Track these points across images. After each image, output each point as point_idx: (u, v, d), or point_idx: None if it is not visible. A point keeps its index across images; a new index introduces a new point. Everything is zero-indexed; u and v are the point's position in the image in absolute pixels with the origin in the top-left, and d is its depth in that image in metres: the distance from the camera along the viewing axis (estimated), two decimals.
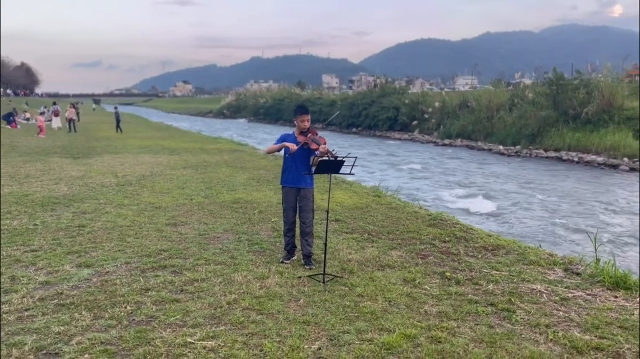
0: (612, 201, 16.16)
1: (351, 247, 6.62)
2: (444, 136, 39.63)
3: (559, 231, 12.38)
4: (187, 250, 6.39)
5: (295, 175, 5.85)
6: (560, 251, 8.13)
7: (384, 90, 49.84)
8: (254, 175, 12.74)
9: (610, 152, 27.37)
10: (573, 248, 10.25)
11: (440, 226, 7.83)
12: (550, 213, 14.36)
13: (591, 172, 24.60)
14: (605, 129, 29.35)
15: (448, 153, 32.42)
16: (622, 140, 27.49)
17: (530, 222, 13.24)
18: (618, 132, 28.49)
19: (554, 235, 11.88)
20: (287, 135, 5.96)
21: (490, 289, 5.19)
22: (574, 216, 14.07)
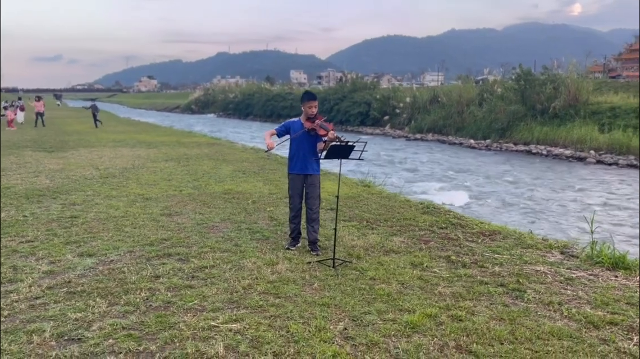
0: (586, 193, 16.69)
1: (353, 234, 6.66)
2: (415, 130, 40.11)
3: (537, 219, 12.73)
4: (189, 239, 6.33)
5: (303, 162, 5.85)
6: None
7: (355, 85, 50.10)
8: (238, 167, 12.66)
9: (577, 145, 28.22)
10: (556, 234, 10.55)
11: (435, 214, 7.96)
12: (526, 203, 14.74)
13: (560, 164, 25.32)
14: (572, 123, 30.23)
15: (420, 147, 32.84)
16: (588, 134, 28.36)
17: (507, 213, 13.56)
18: (584, 126, 29.37)
19: (533, 224, 12.20)
20: (293, 122, 5.96)
21: (497, 271, 5.32)
22: (549, 205, 14.48)
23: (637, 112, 28.87)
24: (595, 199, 15.51)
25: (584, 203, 14.99)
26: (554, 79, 33.26)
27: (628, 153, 25.68)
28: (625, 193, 16.78)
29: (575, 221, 12.42)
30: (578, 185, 18.29)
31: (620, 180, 19.83)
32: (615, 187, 17.94)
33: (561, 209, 14.02)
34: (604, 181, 19.47)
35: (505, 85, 36.79)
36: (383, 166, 23.10)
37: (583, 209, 14.01)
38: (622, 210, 14.02)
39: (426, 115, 40.43)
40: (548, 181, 19.09)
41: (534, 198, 15.51)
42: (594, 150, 26.99)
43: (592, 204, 14.70)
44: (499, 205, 14.47)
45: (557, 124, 30.98)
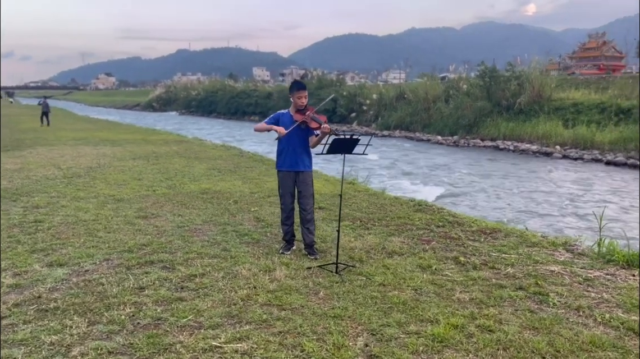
0: (562, 188, 16.76)
1: (349, 235, 6.22)
2: (382, 127, 40.00)
3: (516, 214, 12.60)
4: (171, 244, 5.75)
5: (293, 157, 5.37)
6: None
7: (320, 82, 49.72)
8: (212, 165, 12.03)
9: (543, 141, 28.60)
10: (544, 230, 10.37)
11: (428, 212, 7.60)
12: (500, 199, 14.63)
13: (527, 159, 25.57)
14: (537, 119, 30.64)
15: (388, 143, 32.72)
16: (553, 129, 28.78)
17: (485, 208, 13.40)
18: (549, 122, 29.81)
19: (513, 219, 12.05)
20: (282, 114, 5.46)
21: (511, 272, 4.97)
22: (523, 200, 14.42)
23: (599, 108, 29.51)
24: (571, 193, 15.56)
25: (562, 197, 15.00)
26: (518, 76, 33.72)
27: (592, 148, 26.13)
28: (601, 188, 16.93)
29: (558, 217, 12.33)
30: (549, 180, 18.38)
31: (594, 174, 20.08)
32: (589, 182, 18.11)
33: (540, 204, 13.96)
34: (574, 176, 19.67)
35: (471, 82, 37.08)
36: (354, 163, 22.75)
37: (563, 204, 13.99)
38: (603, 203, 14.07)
39: (393, 112, 40.40)
40: (520, 176, 19.13)
41: (509, 193, 15.43)
42: (559, 145, 27.38)
43: (571, 199, 14.72)
44: (476, 201, 14.31)
45: (523, 120, 31.35)
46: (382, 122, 40.62)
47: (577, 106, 30.56)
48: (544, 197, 14.93)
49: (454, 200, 14.42)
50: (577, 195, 15.38)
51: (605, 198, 14.85)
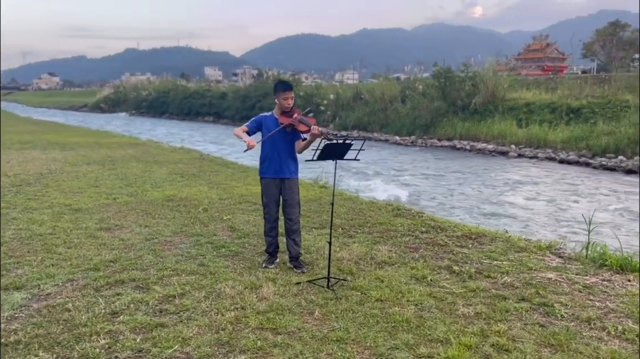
0: (516, 185, 16.98)
1: (333, 244, 5.85)
2: (340, 127, 39.90)
3: (483, 215, 12.61)
4: (142, 259, 5.25)
5: (278, 163, 4.99)
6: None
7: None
8: (174, 170, 11.44)
9: (499, 140, 29.16)
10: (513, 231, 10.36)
11: (408, 217, 7.36)
12: (464, 198, 14.67)
13: (485, 158, 25.98)
14: (492, 119, 31.23)
15: None
16: (507, 129, 29.38)
17: (453, 209, 13.37)
18: (503, 121, 30.42)
19: (481, 219, 12.04)
20: (265, 117, 5.07)
21: (508, 281, 4.76)
22: (486, 200, 14.49)
23: (550, 107, 30.35)
24: (530, 194, 15.77)
25: (525, 197, 15.17)
26: (473, 76, 34.31)
27: (546, 147, 26.81)
28: (562, 186, 17.26)
29: (525, 217, 12.40)
30: (510, 179, 18.64)
31: (550, 172, 20.52)
32: (549, 180, 18.45)
33: (503, 206, 14.05)
34: (532, 174, 20.04)
35: (427, 82, 37.48)
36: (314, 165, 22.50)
37: (528, 204, 14.13)
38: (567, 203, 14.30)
39: (350, 112, 40.39)
40: (480, 176, 19.33)
41: (470, 193, 15.50)
42: (514, 145, 27.96)
43: (531, 199, 14.91)
44: (441, 202, 14.27)
45: (478, 120, 31.88)
46: (339, 122, 40.54)
47: (529, 106, 31.32)
48: (508, 198, 15.06)
49: (418, 201, 14.34)
50: (540, 194, 15.61)
51: (569, 198, 15.12)
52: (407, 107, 36.06)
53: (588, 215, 6.46)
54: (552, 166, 23.87)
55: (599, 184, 17.83)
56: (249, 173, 11.21)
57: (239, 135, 4.93)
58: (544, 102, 30.93)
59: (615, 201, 14.60)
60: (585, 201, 14.53)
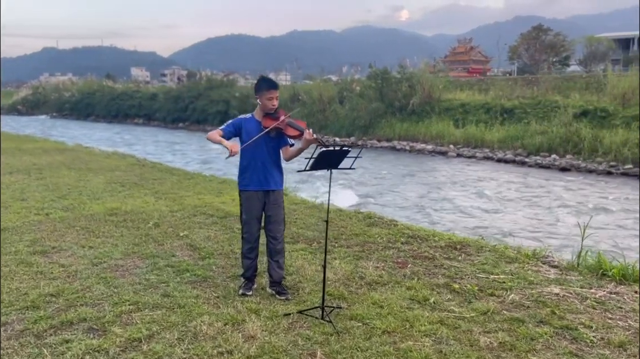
0: (460, 186, 17.02)
1: (310, 261, 5.24)
2: None
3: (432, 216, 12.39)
4: (91, 291, 4.39)
5: (262, 173, 4.29)
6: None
7: (211, 83, 47.72)
8: (112, 178, 10.34)
9: (437, 140, 29.56)
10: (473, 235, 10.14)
11: (382, 226, 6.84)
12: (413, 200, 14.46)
13: (426, 159, 26.18)
14: (429, 119, 31.64)
15: None
16: (445, 129, 29.83)
17: (404, 211, 13.08)
18: (441, 122, 30.89)
19: (432, 221, 11.79)
20: (245, 120, 4.36)
21: (516, 300, 4.32)
22: (436, 201, 14.35)
23: (485, 108, 31.11)
24: (472, 193, 15.81)
25: (470, 197, 15.16)
26: (409, 78, 34.68)
27: (483, 146, 27.40)
28: (508, 186, 17.46)
29: (481, 218, 12.28)
30: (456, 179, 18.71)
31: (488, 173, 20.82)
32: (486, 179, 18.66)
33: (458, 207, 13.92)
34: (475, 174, 20.27)
35: (365, 83, 37.51)
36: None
37: (471, 204, 14.08)
38: (502, 201, 14.38)
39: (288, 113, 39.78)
40: (422, 176, 19.28)
41: (417, 194, 15.32)
42: (452, 145, 28.40)
43: (476, 198, 14.91)
44: (393, 204, 13.96)
45: (416, 120, 32.21)
46: None
47: (464, 106, 31.98)
48: (458, 199, 14.99)
49: (370, 204, 13.97)
50: (483, 193, 15.67)
51: (513, 197, 15.25)
52: (345, 108, 35.89)
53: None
54: (490, 165, 24.36)
55: (545, 182, 18.22)
56: (197, 180, 10.33)
57: (215, 140, 4.19)
58: (479, 103, 31.68)
59: (567, 200, 14.87)
60: (537, 201, 14.69)
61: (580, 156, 23.25)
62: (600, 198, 15.34)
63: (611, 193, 16.25)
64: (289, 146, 4.33)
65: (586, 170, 22.10)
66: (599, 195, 15.80)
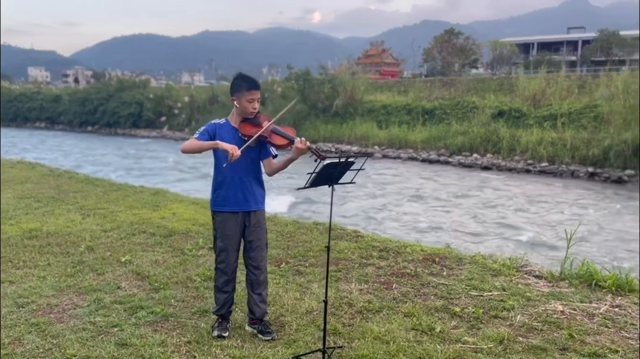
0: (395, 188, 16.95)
1: (285, 287, 4.58)
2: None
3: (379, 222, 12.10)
4: (21, 345, 3.47)
5: (240, 190, 3.57)
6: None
7: (122, 84, 45.05)
8: (24, 192, 9.00)
9: (362, 142, 29.64)
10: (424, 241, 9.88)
11: (348, 239, 6.29)
12: (346, 206, 14.14)
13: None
14: (353, 121, 31.72)
15: None
16: (369, 130, 30.00)
17: (345, 219, 12.69)
18: (364, 123, 31.04)
19: (382, 228, 11.49)
20: (220, 126, 3.62)
21: (526, 322, 3.93)
22: (368, 204, 14.12)
23: (406, 109, 31.63)
24: (411, 195, 15.77)
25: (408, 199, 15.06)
26: (331, 79, 34.60)
27: (407, 147, 27.79)
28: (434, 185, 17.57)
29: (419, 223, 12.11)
30: (384, 180, 18.65)
31: (414, 172, 20.99)
32: (414, 179, 18.76)
33: (391, 210, 13.73)
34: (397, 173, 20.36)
35: (286, 84, 36.96)
36: (184, 174, 20.55)
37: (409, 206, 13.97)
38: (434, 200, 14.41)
39: (208, 115, 38.21)
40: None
41: (354, 197, 15.03)
42: (377, 146, 28.58)
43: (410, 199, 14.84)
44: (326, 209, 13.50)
45: (340, 122, 32.17)
46: (196, 126, 38.24)
47: (386, 108, 32.35)
48: (394, 201, 14.83)
49: (308, 209, 13.46)
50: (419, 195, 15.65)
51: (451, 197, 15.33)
52: (268, 110, 35.13)
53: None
54: (415, 165, 24.70)
55: (470, 182, 18.58)
56: (126, 191, 9.25)
57: (198, 147, 3.44)
58: (400, 104, 32.15)
59: (496, 199, 15.14)
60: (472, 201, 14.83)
61: (500, 155, 24.12)
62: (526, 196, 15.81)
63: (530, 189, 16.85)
64: (272, 157, 3.65)
65: (506, 168, 22.95)
66: (523, 192, 16.29)
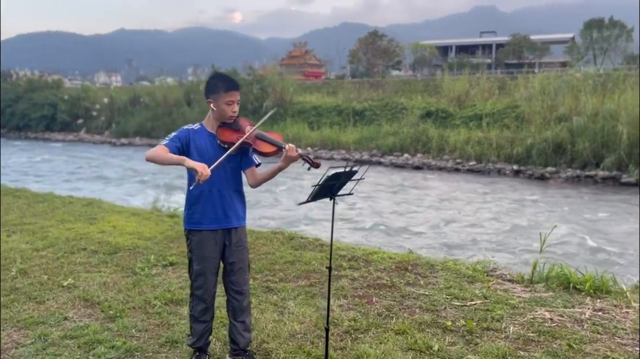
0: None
1: (256, 306, 4.16)
2: (119, 135, 35.91)
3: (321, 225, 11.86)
4: None
5: (220, 205, 3.12)
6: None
7: (32, 84, 42.06)
8: None
9: (294, 143, 28.16)
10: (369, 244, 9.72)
11: (311, 248, 5.94)
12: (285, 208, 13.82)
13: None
14: (284, 122, 31.37)
15: (133, 153, 29.25)
16: (301, 132, 29.79)
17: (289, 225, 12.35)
18: (295, 125, 30.79)
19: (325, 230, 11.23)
20: (194, 132, 3.15)
21: (521, 333, 3.76)
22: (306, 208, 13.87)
23: (337, 110, 31.72)
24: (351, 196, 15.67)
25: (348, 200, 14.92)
26: (260, 80, 34.10)
27: (339, 147, 27.85)
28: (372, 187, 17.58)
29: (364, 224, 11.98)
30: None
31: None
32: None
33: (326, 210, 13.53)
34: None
35: None
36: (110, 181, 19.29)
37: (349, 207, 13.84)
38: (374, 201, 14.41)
39: (130, 117, 36.62)
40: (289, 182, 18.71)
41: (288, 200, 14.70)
42: (310, 147, 28.39)
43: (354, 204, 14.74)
44: (278, 216, 13.12)
45: (271, 123, 31.61)
46: (117, 128, 36.43)
47: (317, 109, 32.31)
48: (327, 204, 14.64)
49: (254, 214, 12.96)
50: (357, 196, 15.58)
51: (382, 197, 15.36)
52: (195, 111, 34.01)
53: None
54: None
55: (408, 181, 18.77)
56: (53, 203, 8.37)
57: (166, 160, 2.92)
58: (330, 105, 32.21)
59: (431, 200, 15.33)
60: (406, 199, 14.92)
61: (430, 155, 24.67)
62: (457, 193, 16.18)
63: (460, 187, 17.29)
64: (255, 166, 3.24)
65: (436, 167, 23.49)
66: (451, 191, 16.68)
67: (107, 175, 20.72)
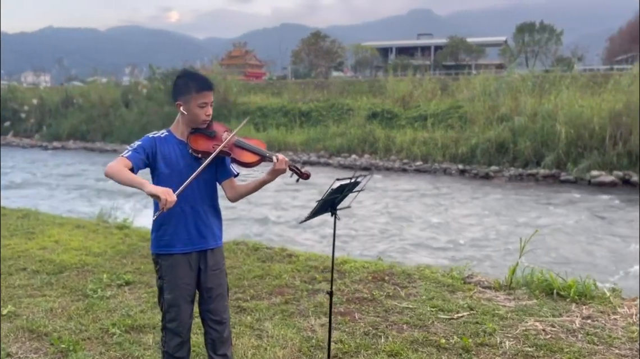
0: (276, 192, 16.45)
1: (235, 331, 3.76)
2: (50, 138, 33.96)
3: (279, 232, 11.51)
4: None
5: (193, 224, 2.67)
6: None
7: None
8: None
9: None
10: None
11: (279, 259, 5.56)
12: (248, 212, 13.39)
13: None
14: (228, 123, 29.84)
15: (66, 157, 27.69)
16: (246, 133, 28.33)
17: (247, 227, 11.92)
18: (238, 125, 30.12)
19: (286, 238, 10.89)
20: (160, 140, 2.70)
21: (518, 348, 3.56)
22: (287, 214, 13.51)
23: (283, 111, 31.33)
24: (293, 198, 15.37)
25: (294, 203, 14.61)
26: None
27: (286, 149, 27.42)
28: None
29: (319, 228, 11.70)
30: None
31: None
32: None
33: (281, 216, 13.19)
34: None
35: (153, 85, 34.69)
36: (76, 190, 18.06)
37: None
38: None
39: (63, 120, 34.71)
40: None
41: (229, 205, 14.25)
42: None
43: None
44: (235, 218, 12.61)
45: None
46: (48, 131, 34.44)
47: (262, 110, 31.78)
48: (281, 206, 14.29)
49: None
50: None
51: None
52: (134, 113, 32.68)
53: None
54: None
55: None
56: None
57: (126, 180, 2.44)
58: (276, 106, 31.78)
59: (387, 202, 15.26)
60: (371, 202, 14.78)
61: (377, 155, 24.74)
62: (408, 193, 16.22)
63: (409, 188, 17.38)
64: (234, 176, 2.84)
65: (384, 168, 23.57)
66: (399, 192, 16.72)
67: (41, 181, 19.41)
